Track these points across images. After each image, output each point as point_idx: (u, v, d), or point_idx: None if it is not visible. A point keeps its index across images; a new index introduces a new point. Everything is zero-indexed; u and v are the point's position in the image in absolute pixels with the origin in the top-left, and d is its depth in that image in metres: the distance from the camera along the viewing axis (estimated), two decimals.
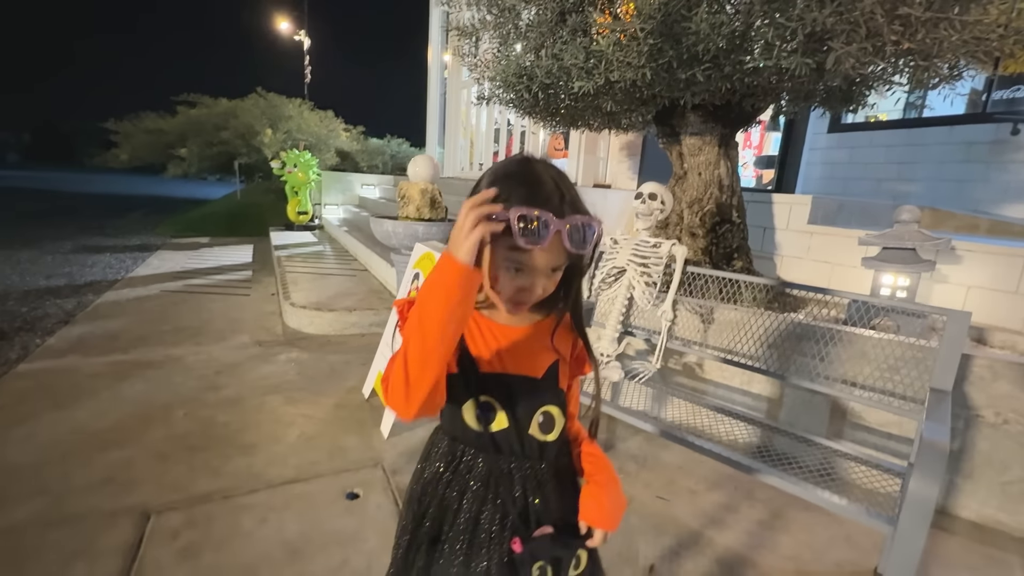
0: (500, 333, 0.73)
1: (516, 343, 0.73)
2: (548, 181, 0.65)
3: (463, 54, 2.50)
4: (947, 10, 1.51)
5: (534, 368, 0.74)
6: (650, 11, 1.51)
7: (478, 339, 0.73)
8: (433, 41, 8.29)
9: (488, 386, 0.72)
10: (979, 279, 2.29)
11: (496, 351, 0.73)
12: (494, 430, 0.73)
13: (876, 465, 1.49)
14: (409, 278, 2.38)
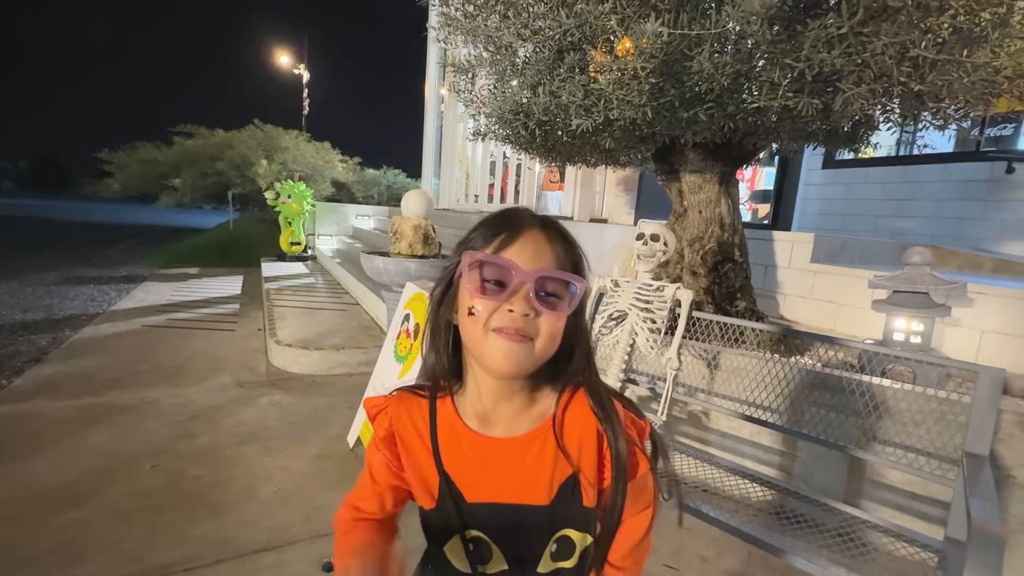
0: (487, 449, 0.59)
1: (507, 458, 0.59)
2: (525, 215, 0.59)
3: (459, 90, 2.46)
4: (957, 52, 1.46)
5: (539, 492, 0.58)
6: (652, 50, 1.46)
7: (459, 457, 0.59)
8: (430, 75, 8.41)
9: (478, 518, 0.58)
10: (994, 323, 2.20)
11: (482, 472, 0.58)
12: (490, 573, 0.59)
13: (908, 539, 1.35)
14: (399, 319, 2.26)
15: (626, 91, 1.65)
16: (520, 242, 0.55)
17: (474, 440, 0.59)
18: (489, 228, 0.58)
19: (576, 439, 0.58)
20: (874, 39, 1.30)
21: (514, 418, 0.60)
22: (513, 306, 0.53)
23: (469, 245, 0.58)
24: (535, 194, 5.47)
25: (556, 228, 0.58)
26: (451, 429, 0.60)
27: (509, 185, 5.92)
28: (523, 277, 0.53)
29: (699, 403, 2.03)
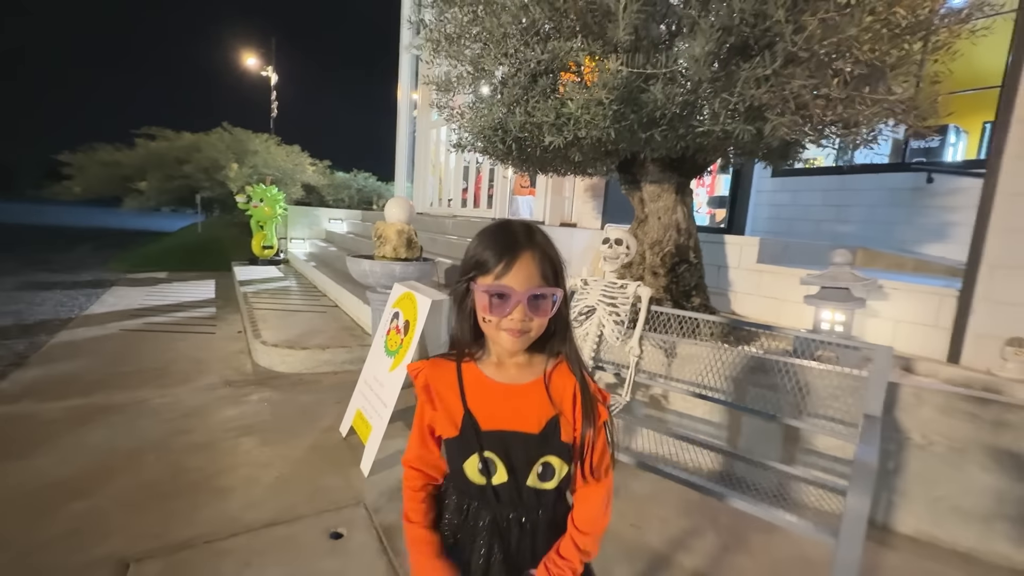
0: (501, 392, 0.82)
1: (515, 401, 0.81)
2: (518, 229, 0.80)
3: (440, 106, 2.67)
4: (860, 89, 1.78)
5: (532, 424, 0.81)
6: (613, 83, 1.71)
7: (480, 398, 0.82)
8: (403, 82, 8.55)
9: (489, 442, 0.81)
10: (905, 314, 2.57)
11: (496, 409, 0.81)
12: (496, 483, 0.81)
13: (823, 485, 1.65)
14: (388, 317, 2.44)
15: (592, 115, 1.90)
16: (515, 268, 0.76)
17: (491, 385, 0.83)
18: (493, 254, 0.77)
19: (559, 391, 0.82)
20: (791, 80, 1.60)
21: (518, 373, 0.84)
22: (513, 316, 0.76)
23: (477, 266, 0.78)
24: (508, 199, 5.70)
25: (542, 250, 0.78)
26: (474, 378, 0.84)
27: (482, 190, 6.14)
28: (519, 297, 0.75)
29: (659, 386, 2.31)
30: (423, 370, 0.85)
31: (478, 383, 0.83)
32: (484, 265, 0.77)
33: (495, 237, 0.79)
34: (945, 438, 1.84)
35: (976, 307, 2.30)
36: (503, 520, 0.82)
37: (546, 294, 0.77)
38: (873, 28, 1.58)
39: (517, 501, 0.82)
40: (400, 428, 2.53)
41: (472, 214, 6.07)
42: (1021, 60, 2.15)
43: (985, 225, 2.27)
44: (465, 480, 0.82)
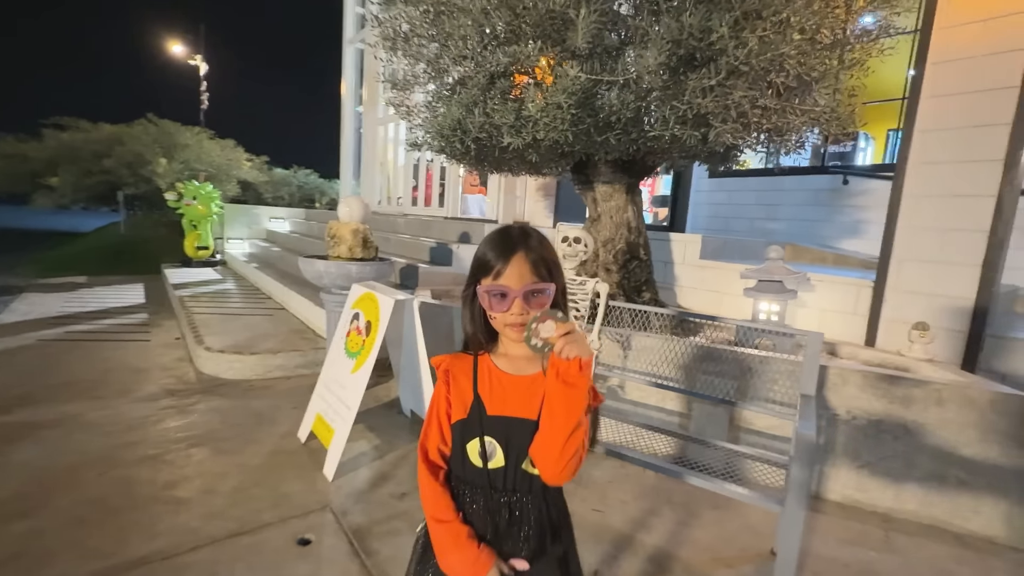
0: (507, 382, 0.89)
1: (518, 390, 0.88)
2: (514, 233, 0.87)
3: (396, 104, 2.66)
4: (791, 100, 1.97)
5: (532, 411, 0.86)
6: (573, 88, 1.79)
7: (487, 386, 0.88)
8: (347, 77, 8.32)
9: (491, 427, 0.87)
10: (829, 303, 2.84)
11: (501, 397, 0.88)
12: (492, 467, 0.87)
13: (766, 460, 1.81)
14: (347, 318, 2.41)
15: (552, 118, 1.98)
16: (511, 268, 0.84)
17: (499, 375, 0.89)
18: (492, 256, 0.85)
19: None
20: (734, 91, 1.74)
21: (525, 365, 0.90)
22: (512, 311, 0.84)
23: (480, 268, 0.87)
24: (459, 197, 5.71)
25: (535, 250, 0.85)
26: (486, 369, 0.90)
27: (433, 188, 6.11)
28: (515, 294, 0.83)
29: (616, 377, 2.43)
30: (445, 360, 0.93)
31: (489, 373, 0.89)
32: (485, 267, 0.85)
33: (493, 241, 0.87)
34: (865, 413, 2.08)
35: (887, 296, 2.59)
36: (494, 505, 0.87)
37: (540, 289, 0.84)
38: (802, 45, 1.76)
39: (510, 486, 0.87)
40: (362, 431, 2.51)
41: (423, 212, 6.03)
42: (922, 76, 2.44)
43: (894, 223, 2.56)
44: (464, 463, 0.88)
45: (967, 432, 1.92)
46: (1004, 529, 1.90)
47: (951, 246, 2.40)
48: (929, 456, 1.98)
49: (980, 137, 2.30)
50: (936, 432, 1.97)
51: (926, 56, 2.43)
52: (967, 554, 1.83)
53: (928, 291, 2.47)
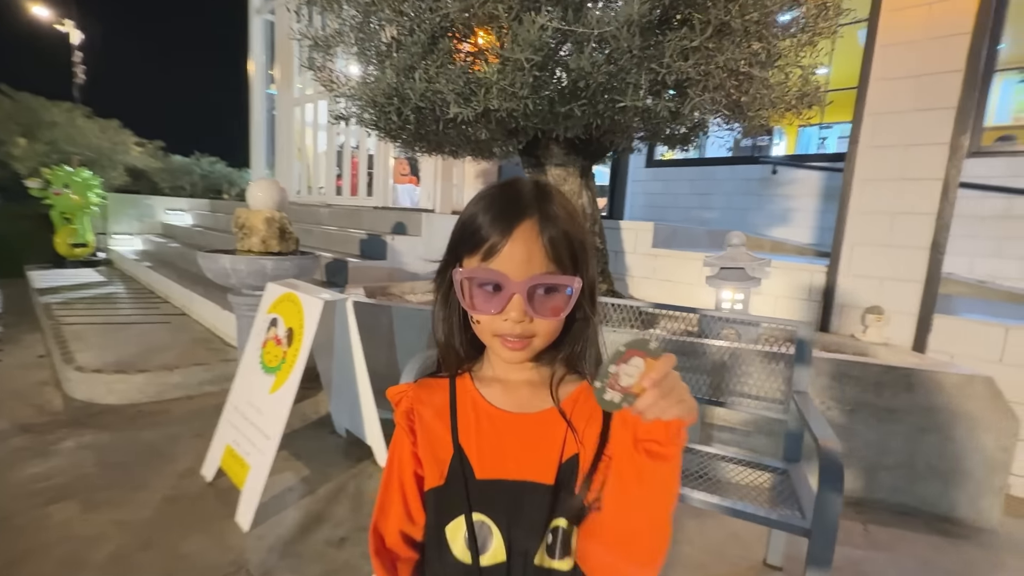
0: (504, 423, 0.58)
1: (522, 435, 0.58)
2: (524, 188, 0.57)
3: (317, 67, 2.22)
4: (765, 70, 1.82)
5: (546, 469, 0.56)
6: (539, 43, 1.51)
7: (473, 430, 0.57)
8: (255, 52, 7.45)
9: (483, 498, 0.56)
10: (783, 290, 2.81)
11: (496, 447, 0.57)
12: (487, 564, 0.56)
13: (752, 465, 1.66)
14: (263, 325, 1.98)
15: (510, 80, 1.68)
16: (511, 245, 0.53)
17: (491, 414, 0.59)
18: (484, 222, 0.54)
19: (584, 416, 0.58)
20: (717, 54, 1.54)
21: (530, 395, 0.60)
22: (508, 316, 0.53)
23: (463, 240, 0.56)
24: (389, 185, 5.25)
25: (555, 219, 0.55)
26: (471, 403, 0.59)
27: (360, 176, 5.58)
28: (514, 288, 0.53)
29: None
30: (407, 392, 0.62)
31: (475, 410, 0.59)
32: (472, 239, 0.55)
33: (491, 198, 0.56)
34: (838, 401, 2.00)
35: (840, 281, 2.59)
36: None
37: (556, 285, 0.54)
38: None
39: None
40: (286, 459, 2.08)
41: (350, 202, 5.49)
42: (871, 59, 2.42)
43: (846, 208, 2.55)
44: (442, 556, 0.57)
45: (936, 416, 1.90)
46: (970, 512, 1.90)
47: (900, 229, 2.41)
48: (900, 443, 1.94)
49: (927, 120, 2.32)
50: (906, 418, 1.93)
51: (875, 39, 2.42)
52: (942, 541, 1.81)
53: (879, 275, 2.48)
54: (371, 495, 1.88)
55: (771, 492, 1.50)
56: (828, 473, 1.09)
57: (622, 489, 0.48)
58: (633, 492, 0.47)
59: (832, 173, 4.64)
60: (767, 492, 1.51)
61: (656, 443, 0.45)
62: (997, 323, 2.21)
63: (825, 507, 1.08)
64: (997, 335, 2.20)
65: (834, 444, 1.15)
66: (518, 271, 0.52)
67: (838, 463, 1.11)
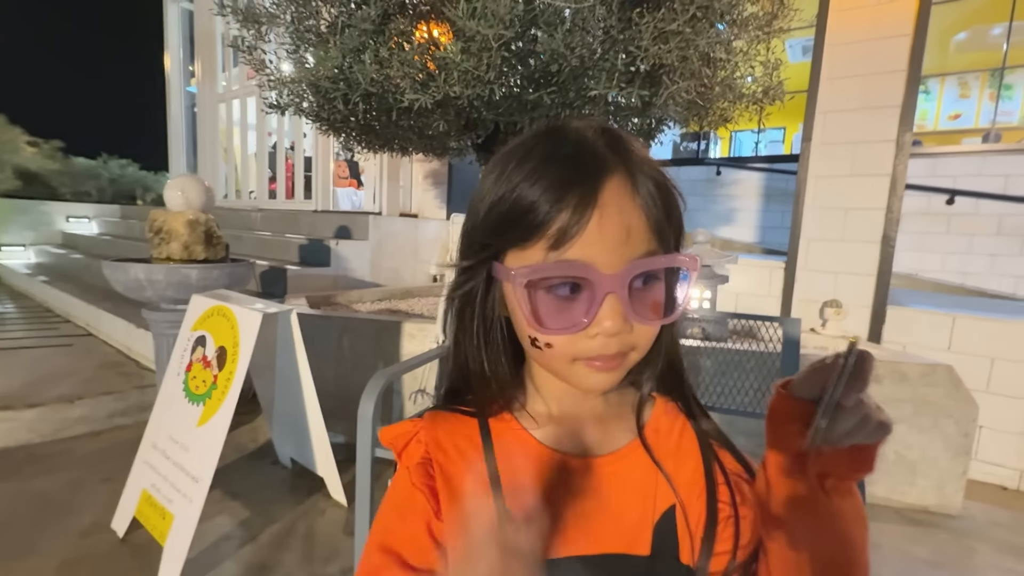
0: (571, 474, 0.41)
1: (600, 488, 0.41)
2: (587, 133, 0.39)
3: (247, 47, 1.95)
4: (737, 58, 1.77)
5: (639, 534, 0.40)
6: (508, 17, 1.35)
7: (530, 490, 0.39)
8: (171, 44, 6.80)
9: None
10: (744, 287, 2.82)
11: (567, 509, 0.40)
12: None
13: None
14: (185, 346, 1.68)
15: (475, 63, 1.51)
16: (599, 215, 0.35)
17: (554, 463, 0.41)
18: (544, 189, 0.36)
19: (673, 454, 0.43)
20: (697, 37, 1.46)
21: (602, 433, 0.43)
22: (600, 328, 0.36)
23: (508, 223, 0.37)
24: (329, 187, 4.90)
25: (641, 166, 0.38)
26: (521, 450, 0.41)
27: (296, 179, 5.18)
28: (607, 285, 0.36)
29: None
30: (416, 434, 0.43)
31: (527, 459, 0.41)
32: (522, 220, 0.36)
33: (541, 154, 0.37)
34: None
35: (799, 276, 2.62)
36: None
37: (662, 272, 0.39)
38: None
39: None
40: (220, 499, 1.78)
41: (286, 206, 5.08)
42: (821, 58, 2.47)
43: (801, 204, 2.59)
44: None
45: (903, 407, 1.92)
46: (936, 498, 1.93)
47: (852, 224, 2.48)
48: None
49: (874, 118, 2.39)
50: None
51: (824, 39, 2.47)
52: (916, 531, 1.82)
53: (835, 269, 2.53)
54: (325, 535, 1.63)
55: None
56: None
57: (809, 550, 0.36)
58: (828, 546, 0.36)
59: (772, 174, 4.84)
60: None
61: (842, 476, 0.36)
62: (945, 312, 2.30)
63: None
64: (945, 324, 2.29)
65: None
66: (611, 257, 0.36)
67: None
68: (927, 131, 5.22)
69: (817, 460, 0.35)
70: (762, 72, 1.96)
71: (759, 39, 2.04)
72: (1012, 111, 4.80)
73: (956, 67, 5.13)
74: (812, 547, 0.37)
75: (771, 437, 0.37)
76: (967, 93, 5.20)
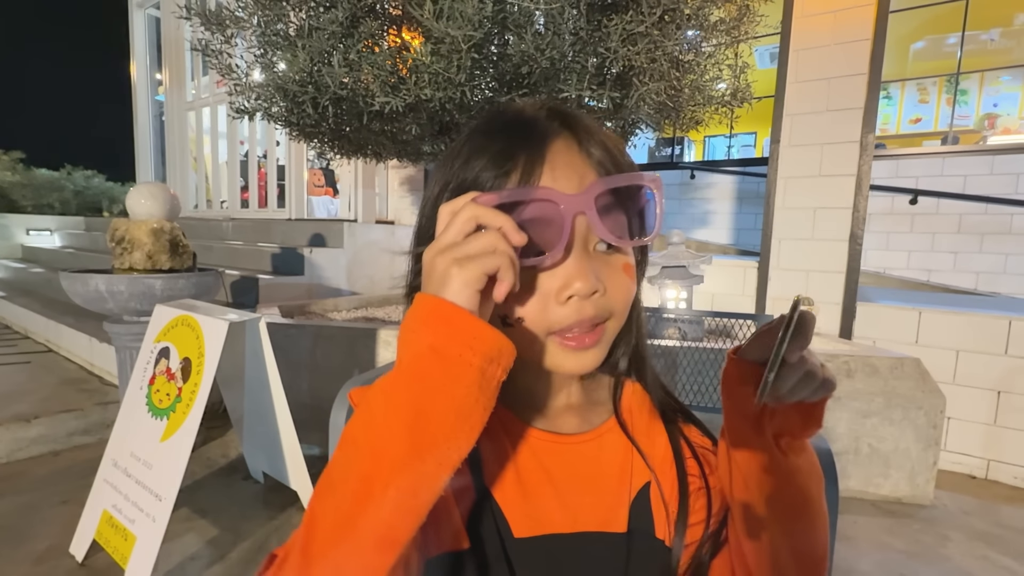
0: (553, 452, 0.40)
1: (580, 464, 0.41)
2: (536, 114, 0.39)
3: (213, 51, 1.90)
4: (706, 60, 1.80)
5: (615, 510, 0.40)
6: (476, 19, 1.34)
7: (512, 471, 0.39)
8: (138, 52, 6.63)
9: (527, 564, 0.38)
10: (719, 287, 2.86)
11: (546, 487, 0.40)
12: None
13: None
14: (148, 359, 1.61)
15: (445, 65, 1.50)
16: (549, 169, 0.35)
17: (534, 440, 0.41)
18: (487, 162, 0.36)
19: (643, 434, 0.44)
20: (665, 40, 1.48)
21: (579, 414, 0.43)
22: (572, 289, 0.35)
23: (472, 164, 0.37)
24: (304, 195, 4.82)
25: (590, 131, 0.38)
26: (500, 428, 0.40)
27: (269, 188, 5.08)
28: (575, 204, 0.34)
29: None
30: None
31: (509, 436, 0.41)
32: (480, 161, 0.37)
33: (484, 132, 0.38)
34: None
35: (771, 275, 2.67)
36: None
37: (632, 190, 0.37)
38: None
39: None
40: (188, 517, 1.71)
41: (258, 215, 4.98)
42: (786, 62, 2.54)
43: (771, 205, 2.64)
44: None
45: (875, 400, 1.96)
46: (908, 489, 1.97)
47: (821, 223, 2.53)
48: (845, 428, 1.99)
49: (838, 120, 2.46)
50: (848, 403, 1.98)
51: (788, 43, 2.54)
52: (892, 523, 1.85)
53: (805, 267, 2.58)
54: None
55: None
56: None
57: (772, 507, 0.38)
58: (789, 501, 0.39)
59: (744, 177, 4.94)
60: None
61: (795, 434, 0.38)
62: (911, 307, 2.36)
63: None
64: (911, 318, 2.35)
65: (822, 439, 1.08)
66: (572, 184, 0.36)
67: (830, 460, 1.04)
68: (890, 134, 5.40)
69: (771, 421, 0.37)
70: (730, 75, 1.99)
71: (726, 44, 2.09)
72: (968, 115, 5.01)
73: (915, 73, 5.34)
74: (774, 504, 0.38)
75: (726, 402, 0.39)
76: (926, 98, 5.41)
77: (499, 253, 0.29)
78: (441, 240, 0.31)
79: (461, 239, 0.30)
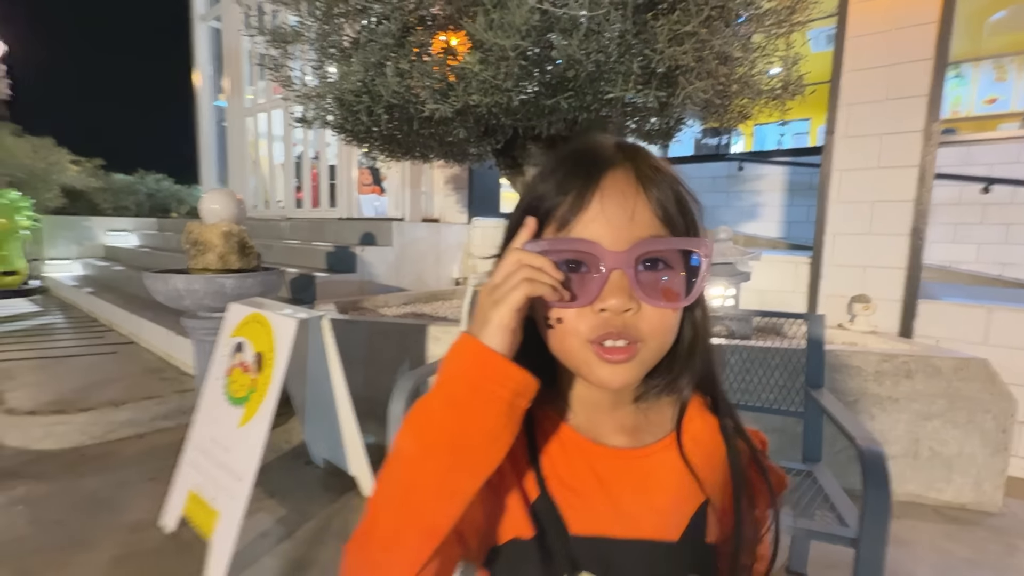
0: (605, 462, 0.44)
1: (634, 479, 0.44)
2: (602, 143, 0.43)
3: (275, 65, 2.03)
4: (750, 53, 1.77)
5: (666, 522, 0.43)
6: (524, 28, 1.39)
7: (567, 474, 0.43)
8: (201, 62, 7.07)
9: (585, 560, 0.42)
10: (769, 283, 2.79)
11: (599, 496, 0.43)
12: None
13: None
14: (227, 351, 1.76)
15: (493, 72, 1.56)
16: (600, 197, 0.39)
17: (590, 451, 0.44)
18: (555, 182, 0.41)
19: (705, 456, 0.46)
20: (713, 38, 1.47)
21: (634, 430, 0.46)
22: (605, 303, 0.38)
23: (535, 207, 0.42)
24: (355, 195, 5.02)
25: (652, 169, 0.42)
26: (558, 436, 0.45)
27: (321, 188, 5.32)
28: (612, 261, 0.38)
29: None
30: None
31: (564, 445, 0.45)
32: (537, 211, 0.41)
33: (558, 160, 0.43)
34: (838, 393, 1.96)
35: (825, 271, 2.58)
36: None
37: (672, 254, 0.41)
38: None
39: None
40: (259, 498, 1.86)
41: (312, 215, 5.23)
42: (842, 50, 2.44)
43: (825, 198, 2.55)
44: None
45: (937, 402, 1.88)
46: (973, 495, 1.88)
47: (880, 217, 2.43)
48: (903, 431, 1.92)
49: (900, 108, 2.34)
50: (908, 405, 1.91)
51: (844, 30, 2.43)
52: (954, 529, 1.77)
53: (862, 263, 2.48)
54: None
55: (793, 496, 1.42)
56: (874, 474, 1.01)
57: None
58: None
59: (796, 168, 4.74)
60: (790, 496, 1.43)
61: None
62: (980, 305, 2.23)
63: (875, 512, 1.00)
64: (980, 317, 2.22)
65: (874, 442, 1.07)
66: (616, 236, 0.39)
67: (883, 463, 1.03)
68: (961, 117, 5.03)
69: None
70: (781, 67, 1.94)
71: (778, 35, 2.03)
72: None
73: (991, 50, 4.93)
74: None
75: None
76: (1003, 76, 5.00)
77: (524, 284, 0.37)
78: (489, 281, 0.38)
79: (501, 280, 0.37)
